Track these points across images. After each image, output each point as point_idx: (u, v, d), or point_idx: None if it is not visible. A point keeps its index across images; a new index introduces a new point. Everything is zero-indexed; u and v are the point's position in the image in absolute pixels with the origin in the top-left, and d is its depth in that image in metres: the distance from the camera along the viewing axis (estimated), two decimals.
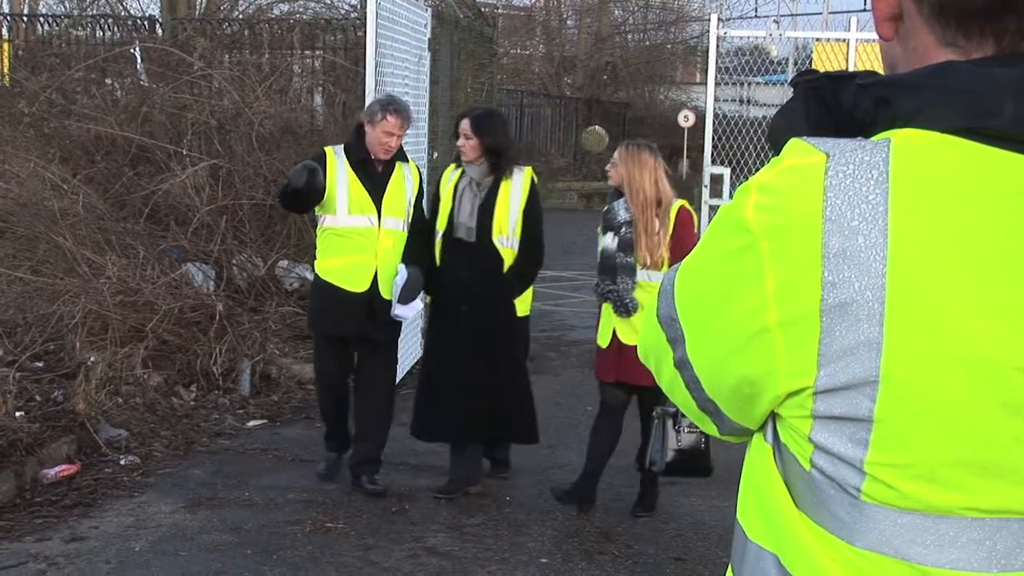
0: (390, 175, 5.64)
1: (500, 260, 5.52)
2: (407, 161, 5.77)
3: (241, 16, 14.99)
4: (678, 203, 5.23)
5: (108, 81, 11.02)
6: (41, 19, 14.81)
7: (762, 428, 1.13)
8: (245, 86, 9.67)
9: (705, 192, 8.21)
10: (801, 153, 1.03)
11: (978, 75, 1.00)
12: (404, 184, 5.67)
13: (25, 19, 14.88)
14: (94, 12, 14.60)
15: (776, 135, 1.12)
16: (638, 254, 5.15)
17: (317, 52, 12.04)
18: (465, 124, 5.57)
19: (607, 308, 5.30)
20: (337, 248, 5.62)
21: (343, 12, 13.90)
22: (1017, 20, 1.00)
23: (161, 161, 9.17)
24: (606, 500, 5.58)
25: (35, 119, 9.83)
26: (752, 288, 1.02)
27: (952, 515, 0.99)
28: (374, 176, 5.61)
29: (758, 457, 1.13)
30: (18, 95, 10.51)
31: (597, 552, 5.05)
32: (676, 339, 1.14)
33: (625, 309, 5.19)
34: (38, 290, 7.57)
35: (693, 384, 1.15)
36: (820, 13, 19.03)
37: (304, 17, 14.13)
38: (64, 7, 17.61)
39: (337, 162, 5.61)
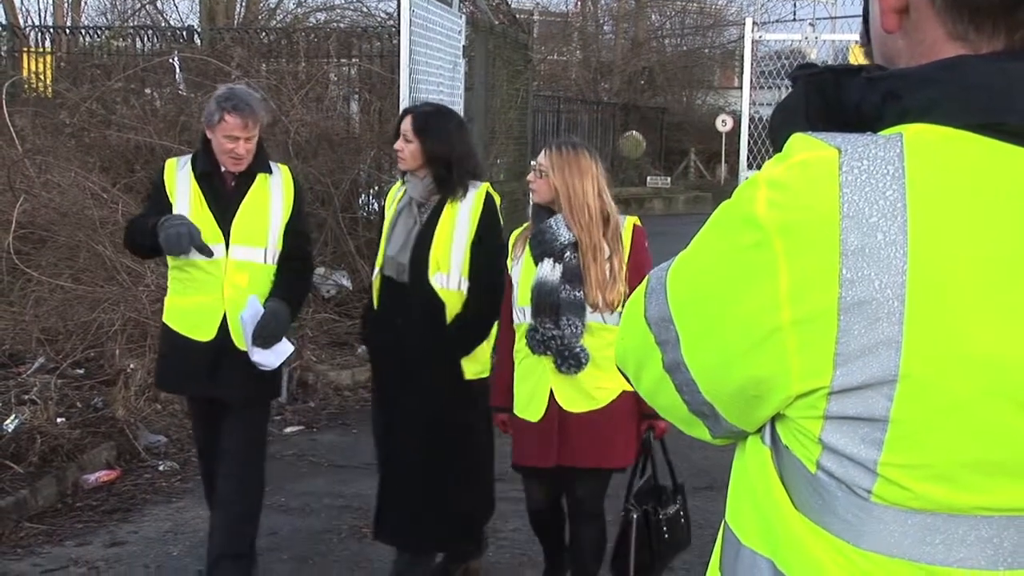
0: (246, 191, 4.28)
1: (440, 306, 4.17)
2: (270, 172, 4.34)
3: (278, 25, 15.13)
4: (630, 220, 3.91)
5: (147, 91, 11.14)
6: (83, 31, 15.01)
7: (759, 430, 1.10)
8: (282, 94, 9.74)
9: None
10: (811, 148, 1.00)
11: (993, 70, 0.98)
12: (268, 202, 4.30)
13: (68, 31, 15.08)
14: (135, 23, 14.78)
15: (776, 130, 1.09)
16: (588, 292, 3.77)
17: (353, 60, 12.10)
18: (406, 123, 4.21)
19: (539, 364, 3.86)
20: (179, 286, 4.33)
21: (379, 20, 13.98)
22: None
23: None
24: None
25: (76, 129, 9.96)
26: (764, 286, 0.99)
27: (962, 514, 0.98)
28: (223, 193, 4.26)
29: (754, 460, 1.11)
30: (60, 106, 10.65)
31: None
32: (667, 341, 1.11)
33: (576, 362, 3.77)
34: (79, 298, 7.67)
35: (687, 387, 1.11)
36: (859, 16, 18.87)
37: (340, 25, 14.24)
38: (106, 19, 17.88)
39: (178, 176, 4.29)
